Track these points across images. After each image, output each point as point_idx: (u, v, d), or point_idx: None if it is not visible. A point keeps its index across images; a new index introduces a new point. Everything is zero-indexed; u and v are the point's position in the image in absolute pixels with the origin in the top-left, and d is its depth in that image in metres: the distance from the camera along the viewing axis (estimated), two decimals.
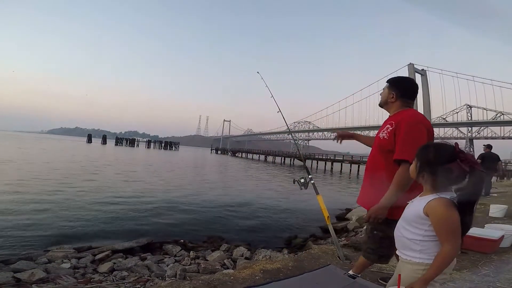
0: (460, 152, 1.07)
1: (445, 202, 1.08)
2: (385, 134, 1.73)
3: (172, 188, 12.27)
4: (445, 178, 1.10)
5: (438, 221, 1.09)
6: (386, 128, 1.74)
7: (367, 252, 1.86)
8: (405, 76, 1.96)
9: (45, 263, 3.94)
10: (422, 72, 56.12)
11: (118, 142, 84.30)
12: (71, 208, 7.29)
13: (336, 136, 2.24)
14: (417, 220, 1.15)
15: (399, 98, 1.79)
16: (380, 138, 1.76)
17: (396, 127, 1.67)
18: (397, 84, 1.82)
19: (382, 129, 1.78)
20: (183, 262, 4.23)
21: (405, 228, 1.19)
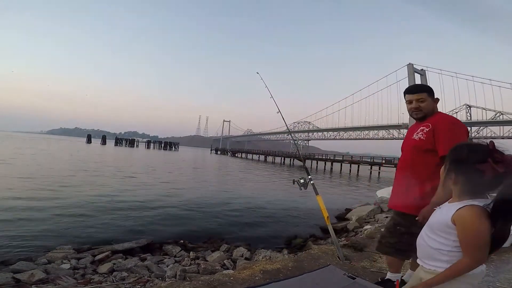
0: (495, 152, 0.94)
1: (476, 212, 0.97)
2: (421, 135, 1.79)
3: (172, 188, 12.27)
4: (476, 181, 0.98)
5: (464, 232, 0.99)
6: (420, 130, 1.82)
7: (385, 246, 1.92)
8: (424, 84, 2.04)
9: (45, 263, 3.94)
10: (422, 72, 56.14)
11: (117, 142, 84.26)
12: (70, 209, 7.28)
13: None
14: (443, 229, 1.05)
15: (436, 102, 1.89)
16: (416, 140, 1.82)
17: (434, 127, 1.74)
18: (432, 91, 1.88)
19: (415, 132, 1.85)
20: (183, 262, 4.22)
21: (430, 237, 1.10)
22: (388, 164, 37.92)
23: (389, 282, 1.94)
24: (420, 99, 1.86)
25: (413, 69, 55.87)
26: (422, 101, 1.86)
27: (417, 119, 1.93)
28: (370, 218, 7.43)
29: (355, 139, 77.70)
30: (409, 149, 1.89)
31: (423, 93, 1.87)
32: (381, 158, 41.04)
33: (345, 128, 79.11)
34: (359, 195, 14.58)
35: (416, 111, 1.89)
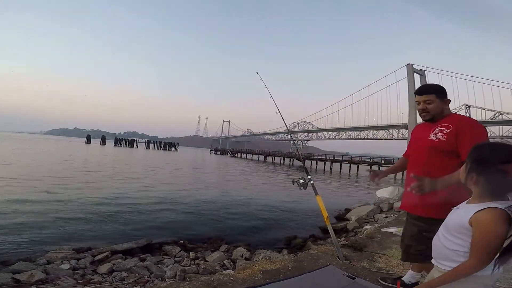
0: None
1: (495, 216, 0.93)
2: (441, 136, 1.75)
3: (171, 189, 12.26)
4: (499, 182, 0.95)
5: (479, 235, 0.96)
6: (439, 131, 1.78)
7: (414, 255, 1.86)
8: (435, 84, 1.97)
9: (44, 264, 3.93)
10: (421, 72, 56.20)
11: (117, 142, 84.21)
12: (70, 209, 7.27)
13: (371, 177, 2.12)
14: (460, 230, 1.03)
15: (446, 103, 1.87)
16: (435, 140, 1.77)
17: (456, 128, 1.71)
18: (442, 91, 1.86)
19: (431, 132, 1.82)
20: (182, 262, 4.22)
21: (446, 238, 1.08)
22: (387, 164, 37.96)
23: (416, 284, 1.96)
24: (427, 101, 1.84)
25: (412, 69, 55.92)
26: (430, 103, 1.84)
27: (426, 120, 1.91)
28: (369, 218, 7.43)
29: (354, 139, 77.73)
30: (425, 149, 1.83)
31: (431, 94, 1.84)
32: (381, 158, 41.08)
33: (344, 128, 79.14)
34: (358, 195, 14.59)
35: (423, 113, 1.88)
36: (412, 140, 2.06)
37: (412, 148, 2.01)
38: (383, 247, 3.32)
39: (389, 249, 3.25)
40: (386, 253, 3.09)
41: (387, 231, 4.09)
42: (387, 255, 3.03)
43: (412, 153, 2.00)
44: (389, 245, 3.39)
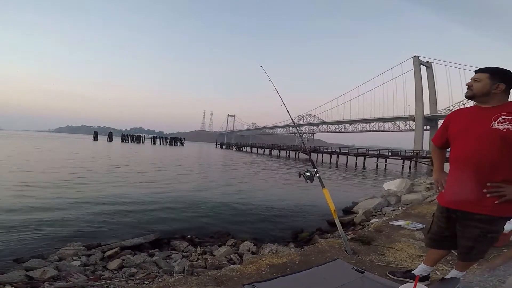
0: None
1: None
2: (510, 126, 1.58)
3: (178, 183, 12.38)
4: None
5: None
6: (506, 120, 1.61)
7: (477, 256, 1.78)
8: (503, 68, 1.77)
9: (56, 261, 4.01)
10: (427, 64, 55.19)
11: (124, 139, 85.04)
12: (79, 206, 7.38)
13: (438, 187, 1.94)
14: None
15: (506, 89, 1.70)
16: (502, 130, 1.60)
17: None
18: (503, 75, 1.71)
19: (494, 120, 1.65)
20: (190, 257, 4.26)
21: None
22: (394, 156, 37.62)
23: (455, 279, 1.88)
24: (476, 79, 1.74)
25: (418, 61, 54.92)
26: (478, 81, 1.73)
27: (466, 97, 1.81)
28: (377, 211, 7.40)
29: (360, 131, 77.19)
30: (490, 139, 1.64)
31: (484, 73, 1.73)
32: (387, 150, 40.68)
33: (350, 121, 78.56)
34: (365, 188, 14.50)
35: (468, 89, 1.78)
36: (461, 128, 1.82)
37: (467, 139, 1.76)
38: (391, 241, 3.29)
39: (398, 242, 3.22)
40: (395, 246, 3.06)
41: (395, 224, 4.05)
42: (395, 248, 3.00)
43: (467, 144, 1.75)
44: (398, 239, 3.36)
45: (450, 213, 1.82)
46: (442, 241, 1.90)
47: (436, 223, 1.94)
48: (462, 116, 1.86)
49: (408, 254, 2.84)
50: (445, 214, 1.85)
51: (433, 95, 57.41)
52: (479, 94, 1.74)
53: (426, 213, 4.77)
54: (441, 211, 1.90)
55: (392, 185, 9.19)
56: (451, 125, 1.89)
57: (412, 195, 8.14)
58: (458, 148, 1.80)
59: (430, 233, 2.01)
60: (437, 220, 1.94)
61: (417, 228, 3.80)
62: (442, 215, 1.88)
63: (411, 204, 6.69)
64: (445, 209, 1.85)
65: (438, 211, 1.93)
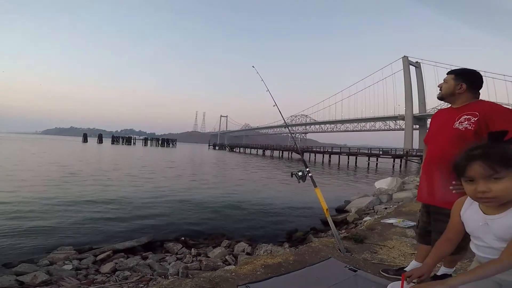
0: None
1: None
2: (468, 125, 1.67)
3: (170, 185, 12.27)
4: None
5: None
6: (466, 119, 1.69)
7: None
8: (470, 68, 1.88)
9: (47, 265, 3.94)
10: (416, 64, 56.21)
11: (114, 141, 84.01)
12: (68, 209, 7.26)
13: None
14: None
15: (468, 89, 1.78)
16: (461, 130, 1.69)
17: (484, 116, 1.63)
18: (466, 75, 1.80)
19: (456, 121, 1.73)
20: (184, 259, 4.24)
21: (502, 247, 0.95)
22: (385, 155, 38.15)
23: (446, 276, 1.90)
24: (445, 80, 1.86)
25: (408, 61, 55.87)
26: (446, 82, 1.85)
27: (438, 98, 1.92)
28: (369, 209, 7.49)
29: (352, 131, 78.04)
30: (450, 138, 1.74)
31: (450, 74, 1.84)
32: (379, 149, 41.21)
33: (342, 121, 79.34)
34: (357, 187, 14.67)
35: (439, 91, 1.89)
36: (434, 127, 1.97)
37: (435, 137, 1.90)
38: (383, 239, 3.34)
39: (390, 240, 3.26)
40: (387, 244, 3.10)
41: (387, 222, 4.11)
42: (388, 246, 3.04)
43: (435, 143, 1.89)
44: (390, 236, 3.41)
45: (427, 208, 1.93)
46: (427, 236, 1.95)
47: (420, 218, 2.05)
48: (438, 117, 1.98)
49: (400, 252, 2.88)
50: (425, 209, 1.96)
51: (422, 95, 58.48)
52: (446, 95, 1.86)
53: (417, 211, 4.84)
54: (422, 206, 2.02)
55: (383, 184, 9.31)
56: (431, 125, 2.04)
57: (403, 193, 8.27)
58: (430, 147, 1.93)
59: (418, 228, 2.11)
60: (421, 215, 2.05)
61: (408, 225, 3.86)
62: (423, 210, 1.99)
63: (402, 202, 6.80)
64: (424, 204, 1.98)
65: (421, 207, 2.05)
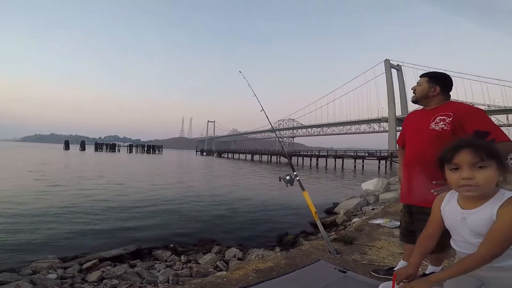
0: None
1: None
2: (444, 125, 1.73)
3: (157, 192, 11.99)
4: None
5: (508, 224, 0.89)
6: (441, 120, 1.75)
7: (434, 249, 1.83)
8: (442, 72, 1.96)
9: (30, 274, 3.79)
10: (398, 67, 57.91)
11: (98, 147, 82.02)
12: (51, 218, 7.02)
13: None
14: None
15: (441, 91, 1.85)
16: (438, 130, 1.75)
17: (458, 116, 1.69)
18: (439, 79, 1.87)
19: (433, 122, 1.79)
20: (174, 267, 4.17)
21: (478, 241, 0.98)
22: (371, 156, 38.97)
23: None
24: (418, 83, 1.91)
25: (389, 64, 57.49)
26: (419, 85, 1.90)
27: (412, 101, 1.96)
28: (357, 211, 7.60)
29: (338, 134, 79.26)
30: (428, 139, 1.78)
31: (424, 77, 1.90)
32: (364, 151, 42.06)
33: (328, 124, 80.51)
34: (345, 189, 14.86)
35: (413, 93, 1.94)
36: (410, 129, 2.01)
37: (413, 139, 1.95)
38: (372, 239, 3.40)
39: (378, 240, 3.32)
40: (376, 244, 3.16)
41: (375, 222, 4.19)
42: (376, 246, 3.09)
43: (413, 144, 1.94)
44: (378, 237, 3.48)
45: (409, 208, 1.97)
46: (410, 236, 2.00)
47: (403, 218, 2.10)
48: (412, 119, 2.04)
49: (389, 252, 2.93)
50: (407, 209, 2.01)
51: (404, 97, 60.16)
52: (420, 97, 1.91)
53: None
54: (404, 207, 2.07)
55: (369, 185, 9.48)
56: (405, 127, 2.08)
57: (389, 194, 8.45)
58: (407, 149, 1.98)
59: (400, 228, 2.17)
60: (403, 216, 2.10)
61: (395, 225, 3.94)
62: (405, 211, 2.04)
63: (389, 203, 6.94)
64: (406, 205, 2.03)
65: (403, 207, 2.10)
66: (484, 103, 50.04)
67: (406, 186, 1.96)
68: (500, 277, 0.97)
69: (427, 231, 1.18)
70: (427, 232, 1.18)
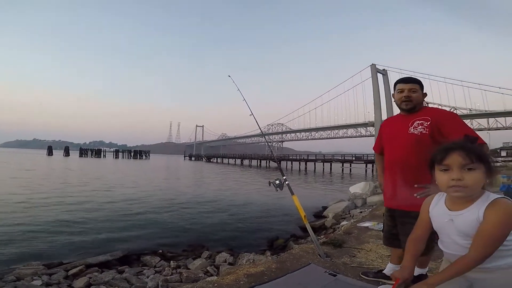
0: None
1: (509, 206, 0.93)
2: (423, 129, 1.77)
3: (144, 198, 11.78)
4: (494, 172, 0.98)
5: (495, 225, 0.92)
6: (419, 124, 1.79)
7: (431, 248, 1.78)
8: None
9: (14, 281, 3.68)
10: (383, 72, 59.24)
11: (82, 153, 79.93)
12: (36, 224, 6.83)
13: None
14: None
15: (424, 97, 1.91)
16: (417, 134, 1.78)
17: (436, 120, 1.74)
18: (421, 84, 1.91)
19: (411, 126, 1.82)
20: (164, 272, 4.11)
21: (467, 242, 1.00)
22: (358, 160, 39.61)
23: (423, 276, 1.96)
24: (412, 89, 1.86)
25: (375, 69, 58.80)
26: (414, 92, 1.86)
27: (406, 110, 1.90)
28: (345, 214, 7.70)
29: (326, 138, 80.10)
30: (409, 143, 1.81)
31: (416, 84, 1.88)
32: (351, 155, 42.69)
33: (316, 128, 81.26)
34: (333, 192, 15.01)
35: (406, 101, 1.87)
36: (388, 135, 2.02)
37: (393, 144, 1.96)
38: (360, 242, 3.44)
39: (367, 243, 3.36)
40: (364, 247, 3.19)
41: (363, 225, 4.24)
42: (365, 249, 3.12)
43: (393, 149, 1.95)
44: (366, 240, 3.52)
45: (392, 212, 1.99)
46: (393, 239, 2.03)
47: (385, 222, 2.12)
48: (390, 124, 2.07)
49: (377, 254, 2.96)
50: (390, 213, 2.03)
51: (389, 101, 61.43)
52: (418, 104, 1.90)
53: None
54: (386, 211, 2.08)
55: (357, 188, 9.60)
56: (383, 133, 2.09)
57: (376, 197, 8.59)
58: (388, 154, 2.00)
59: (383, 231, 2.19)
60: (385, 219, 2.12)
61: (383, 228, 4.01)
62: (388, 214, 2.05)
63: (376, 206, 7.06)
64: (388, 209, 2.04)
65: (385, 211, 2.11)
66: (466, 107, 51.73)
67: (389, 191, 1.98)
68: (488, 278, 0.99)
69: (415, 233, 1.20)
70: (415, 234, 1.20)
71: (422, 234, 1.18)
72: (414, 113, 1.88)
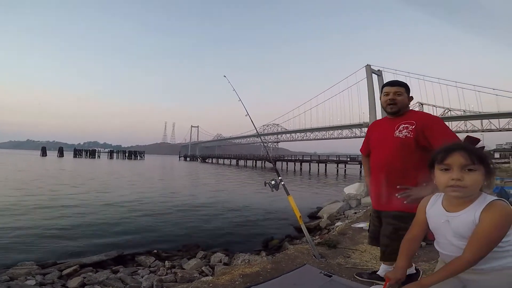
0: None
1: (506, 208, 0.94)
2: (407, 133, 1.80)
3: (139, 198, 11.69)
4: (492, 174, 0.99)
5: (490, 227, 0.93)
6: (404, 128, 1.82)
7: (392, 253, 1.76)
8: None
9: (7, 280, 3.63)
10: (378, 72, 59.70)
11: (77, 154, 79.25)
12: (28, 225, 6.72)
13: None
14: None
15: (410, 100, 1.94)
16: (402, 137, 1.81)
17: (421, 124, 1.77)
18: (408, 88, 1.94)
19: (396, 129, 1.85)
20: (158, 272, 4.10)
21: (464, 243, 1.00)
22: (353, 161, 39.83)
23: (415, 274, 1.99)
24: (397, 92, 1.89)
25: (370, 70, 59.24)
26: (399, 95, 1.89)
27: (391, 113, 1.93)
28: (340, 214, 7.74)
29: (321, 139, 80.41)
30: (394, 146, 1.85)
31: (401, 87, 1.91)
32: (346, 156, 42.94)
33: (311, 129, 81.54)
34: (328, 193, 15.07)
35: (391, 104, 1.90)
36: (375, 137, 2.05)
37: (379, 147, 1.99)
38: (355, 243, 3.47)
39: (361, 244, 3.39)
40: (359, 248, 3.22)
41: (357, 226, 4.28)
42: (360, 250, 3.15)
43: (380, 152, 1.98)
44: (361, 240, 3.55)
45: (379, 213, 2.04)
46: (377, 239, 2.06)
47: (372, 222, 2.16)
48: (377, 127, 2.11)
49: (372, 255, 2.99)
50: (376, 214, 2.07)
51: None
52: (403, 107, 1.93)
53: None
54: (373, 212, 2.13)
55: (352, 189, 9.64)
56: (370, 136, 2.13)
57: None
58: (373, 156, 2.04)
59: (369, 231, 2.22)
60: (372, 220, 2.16)
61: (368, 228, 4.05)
62: (374, 215, 2.10)
63: (370, 207, 7.10)
64: (375, 210, 2.09)
65: (372, 212, 2.16)
66: (460, 109, 52.29)
67: (377, 193, 2.01)
68: (482, 279, 1.01)
69: (411, 233, 1.22)
70: (411, 234, 1.22)
71: (417, 234, 1.20)
72: (400, 117, 1.91)
